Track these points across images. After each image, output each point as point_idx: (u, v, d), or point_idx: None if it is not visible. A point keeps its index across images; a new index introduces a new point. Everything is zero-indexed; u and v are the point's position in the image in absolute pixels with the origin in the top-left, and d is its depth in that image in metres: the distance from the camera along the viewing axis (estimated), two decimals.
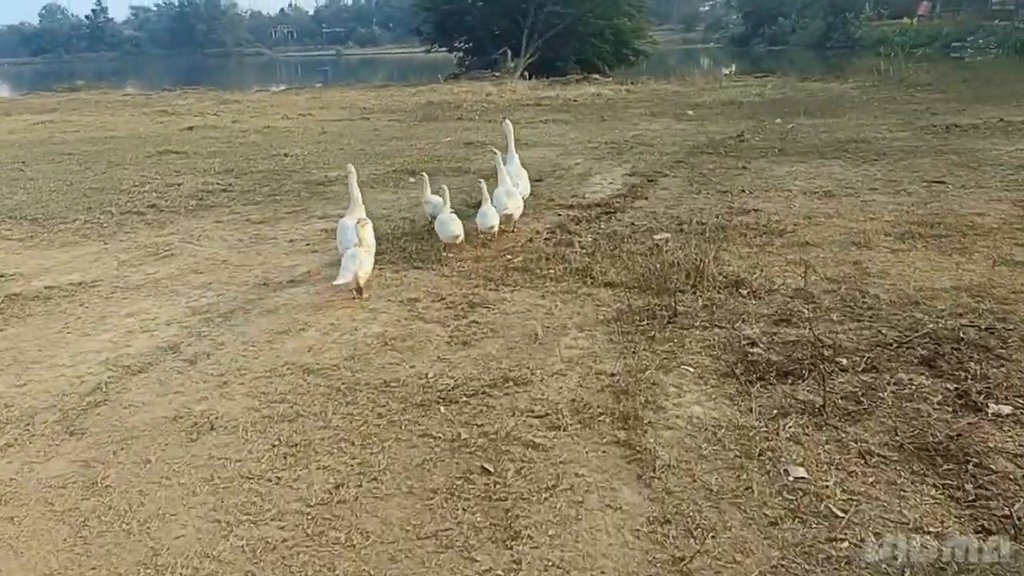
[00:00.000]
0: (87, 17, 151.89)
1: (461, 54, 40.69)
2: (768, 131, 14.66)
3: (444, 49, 41.49)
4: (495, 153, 8.29)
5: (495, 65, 35.41)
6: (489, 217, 7.22)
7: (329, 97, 28.37)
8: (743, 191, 9.39)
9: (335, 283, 5.75)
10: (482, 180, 8.05)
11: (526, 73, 33.70)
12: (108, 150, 14.76)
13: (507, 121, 9.22)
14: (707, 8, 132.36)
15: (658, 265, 6.29)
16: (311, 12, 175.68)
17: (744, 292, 5.69)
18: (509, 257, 6.93)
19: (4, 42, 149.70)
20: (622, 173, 11.07)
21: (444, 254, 7.02)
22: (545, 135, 15.64)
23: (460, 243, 7.09)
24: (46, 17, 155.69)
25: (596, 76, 31.75)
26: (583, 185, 10.32)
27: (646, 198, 9.33)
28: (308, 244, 7.69)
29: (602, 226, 7.96)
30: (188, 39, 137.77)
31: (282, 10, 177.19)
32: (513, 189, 7.78)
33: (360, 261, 5.82)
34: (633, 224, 8.00)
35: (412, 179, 11.02)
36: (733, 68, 54.07)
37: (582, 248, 7.05)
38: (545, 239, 7.53)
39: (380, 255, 6.85)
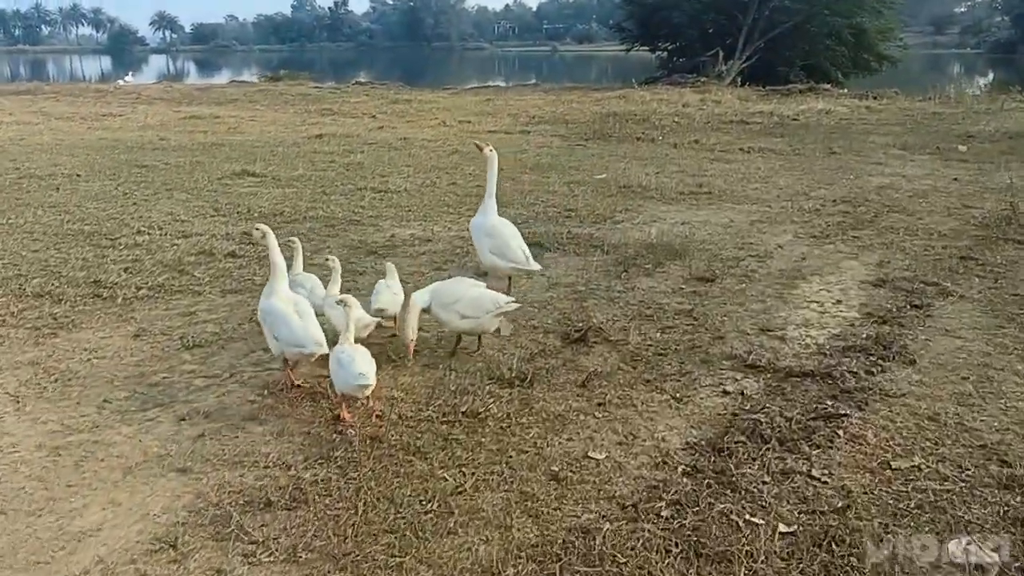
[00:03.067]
0: (329, 9, 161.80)
1: (664, 55, 35.67)
2: None
3: (647, 48, 36.67)
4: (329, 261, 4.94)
5: (702, 68, 30.28)
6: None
7: (504, 101, 24.92)
8: None
9: (357, 384, 3.83)
10: (390, 265, 5.07)
11: (738, 79, 28.44)
12: (191, 164, 11.94)
13: (491, 151, 5.79)
14: (963, 9, 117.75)
15: None
16: (534, 8, 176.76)
17: None
18: (561, 554, 2.74)
19: (260, 30, 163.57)
20: (860, 278, 6.37)
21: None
22: (741, 177, 10.98)
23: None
24: (297, 8, 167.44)
25: (826, 86, 25.84)
26: (785, 302, 5.80)
27: (912, 360, 4.69)
28: (202, 434, 3.86)
29: (812, 462, 3.52)
30: (417, 32, 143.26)
31: (507, 6, 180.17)
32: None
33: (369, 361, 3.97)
34: (888, 466, 3.49)
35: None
36: (991, 78, 45.42)
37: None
38: (672, 496, 3.25)
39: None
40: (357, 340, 4.19)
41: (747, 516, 3.14)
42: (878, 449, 3.69)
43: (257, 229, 4.62)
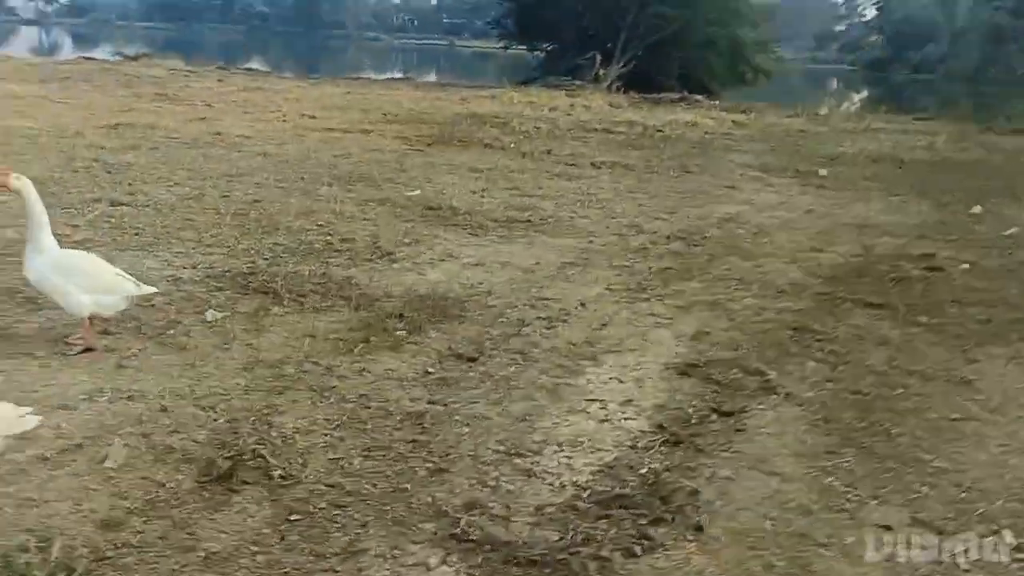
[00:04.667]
0: None
1: (543, 55, 34.33)
2: (970, 236, 8.12)
3: (524, 48, 35.27)
4: None
5: (578, 72, 29.02)
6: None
7: (362, 95, 22.83)
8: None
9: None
10: None
11: (615, 85, 27.32)
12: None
13: (19, 179, 4.28)
14: (843, 28, 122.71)
15: None
16: (434, 1, 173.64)
17: None
18: None
19: (145, 6, 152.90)
20: (666, 360, 4.84)
21: None
22: (576, 200, 9.47)
23: None
24: None
25: (698, 97, 25.01)
26: (558, 400, 4.19)
27: (698, 526, 3.15)
28: None
29: None
30: (312, 19, 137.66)
31: None
32: None
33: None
34: None
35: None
36: (864, 95, 46.50)
37: None
38: None
39: None
40: None
41: None
42: None
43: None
